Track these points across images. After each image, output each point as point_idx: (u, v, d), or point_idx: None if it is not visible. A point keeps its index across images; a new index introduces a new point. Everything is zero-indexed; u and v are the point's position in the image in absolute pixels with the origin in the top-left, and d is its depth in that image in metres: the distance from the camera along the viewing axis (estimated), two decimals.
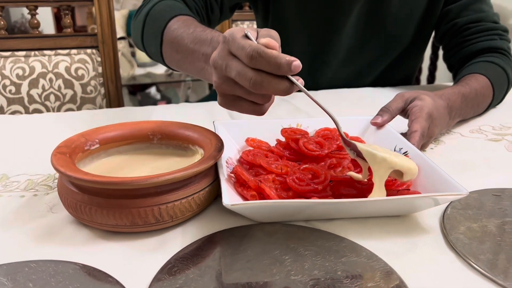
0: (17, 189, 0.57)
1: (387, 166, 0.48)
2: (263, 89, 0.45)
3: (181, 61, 0.66)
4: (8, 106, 1.01)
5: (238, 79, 0.46)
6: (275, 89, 0.45)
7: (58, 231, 0.48)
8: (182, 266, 0.41)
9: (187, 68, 0.65)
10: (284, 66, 0.43)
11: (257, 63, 0.44)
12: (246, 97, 0.48)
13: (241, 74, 0.45)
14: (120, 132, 0.58)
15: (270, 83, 0.45)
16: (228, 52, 0.47)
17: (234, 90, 0.48)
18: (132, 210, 0.45)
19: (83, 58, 1.06)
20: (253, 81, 0.45)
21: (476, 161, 0.65)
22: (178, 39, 0.65)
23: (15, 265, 0.42)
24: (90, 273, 0.41)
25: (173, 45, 0.66)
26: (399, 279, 0.40)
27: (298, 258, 0.43)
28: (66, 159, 0.49)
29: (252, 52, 0.44)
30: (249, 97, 0.48)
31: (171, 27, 0.67)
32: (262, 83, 0.45)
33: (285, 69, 0.44)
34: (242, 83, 0.46)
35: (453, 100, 0.71)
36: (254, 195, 0.49)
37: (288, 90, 0.45)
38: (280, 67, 0.44)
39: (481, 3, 0.93)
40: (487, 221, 0.49)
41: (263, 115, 0.51)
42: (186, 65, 0.65)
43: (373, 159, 0.49)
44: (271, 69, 0.44)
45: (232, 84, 0.48)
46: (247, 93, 0.47)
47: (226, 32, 0.48)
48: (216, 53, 0.49)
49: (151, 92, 3.35)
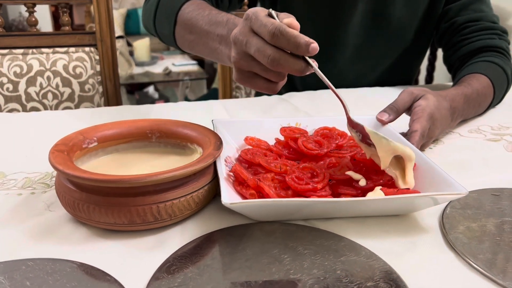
0: (14, 187, 0.56)
1: (390, 151, 0.49)
2: (280, 66, 0.47)
3: (194, 42, 0.67)
4: (6, 104, 1.01)
5: (257, 55, 0.48)
6: (291, 67, 0.47)
7: (55, 229, 0.48)
8: (180, 264, 0.41)
9: (200, 49, 0.67)
10: (303, 46, 0.46)
11: (278, 41, 0.46)
12: (262, 74, 0.50)
13: (260, 51, 0.47)
14: (118, 130, 0.57)
15: (287, 61, 0.47)
16: (250, 29, 0.49)
17: (251, 67, 0.50)
18: (130, 209, 0.44)
19: (81, 56, 1.06)
20: (271, 58, 0.47)
21: (475, 161, 0.65)
22: (192, 21, 0.66)
23: (12, 263, 0.41)
24: (88, 271, 0.41)
25: (187, 27, 0.68)
26: (399, 278, 0.40)
27: (297, 257, 0.42)
28: (64, 157, 0.49)
29: (275, 30, 0.46)
30: (265, 74, 0.50)
31: (186, 9, 0.68)
32: (279, 60, 0.47)
33: (303, 49, 0.46)
34: (260, 59, 0.48)
35: (456, 101, 0.71)
36: (253, 194, 0.49)
37: (303, 70, 0.48)
38: (299, 47, 0.46)
39: (481, 3, 0.94)
40: (486, 221, 0.49)
41: (275, 93, 0.53)
42: (199, 46, 0.66)
43: (379, 141, 0.49)
44: (290, 48, 0.46)
45: (250, 60, 0.49)
46: (264, 70, 0.49)
47: (249, 11, 0.50)
48: (237, 30, 0.51)
49: (149, 91, 3.35)
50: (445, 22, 0.96)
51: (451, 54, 0.95)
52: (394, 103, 0.66)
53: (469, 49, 0.90)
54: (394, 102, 0.66)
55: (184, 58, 3.70)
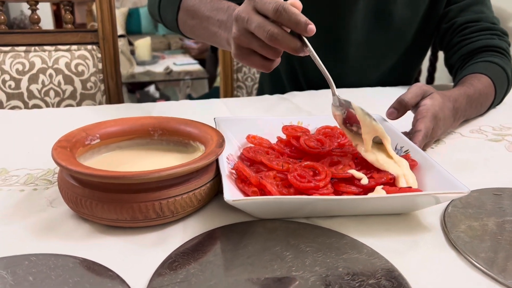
0: (16, 183, 0.56)
1: (372, 130, 0.54)
2: (277, 42, 0.50)
3: (195, 27, 0.72)
4: (8, 101, 1.01)
5: (257, 31, 0.50)
6: (287, 44, 0.50)
7: (58, 225, 0.48)
8: (183, 261, 0.41)
9: (200, 34, 0.71)
10: (302, 24, 0.49)
11: (280, 16, 0.49)
12: (259, 51, 0.53)
13: (260, 26, 0.50)
14: (121, 127, 0.58)
15: (284, 38, 0.50)
16: (253, 7, 0.52)
17: (250, 43, 0.52)
18: (133, 205, 0.45)
19: (83, 54, 1.06)
20: (270, 33, 0.50)
21: (476, 161, 0.65)
22: (195, 7, 0.71)
23: (15, 258, 0.41)
24: (90, 267, 0.41)
25: (189, 12, 0.72)
26: (400, 276, 0.40)
27: (299, 254, 0.43)
28: (67, 153, 0.49)
29: (278, 6, 0.49)
30: (262, 50, 0.52)
31: (188, 3, 0.73)
32: (278, 36, 0.50)
33: (302, 27, 0.49)
34: (260, 35, 0.50)
35: (459, 102, 0.72)
36: (255, 191, 0.49)
37: (298, 48, 0.51)
38: (299, 24, 0.49)
39: (482, 5, 0.94)
40: (487, 220, 0.49)
41: (269, 71, 0.55)
42: (200, 30, 0.70)
43: (363, 118, 0.54)
44: (291, 24, 0.49)
45: (250, 37, 0.52)
46: (261, 46, 0.52)
47: None
48: (240, 8, 0.53)
49: (150, 91, 3.35)
50: (446, 23, 0.96)
51: (452, 54, 0.95)
52: (404, 96, 0.66)
53: (469, 49, 0.91)
54: (404, 95, 0.66)
55: (185, 57, 3.71)
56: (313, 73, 1.05)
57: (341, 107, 0.56)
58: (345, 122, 0.55)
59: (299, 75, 1.08)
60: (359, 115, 0.55)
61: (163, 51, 4.00)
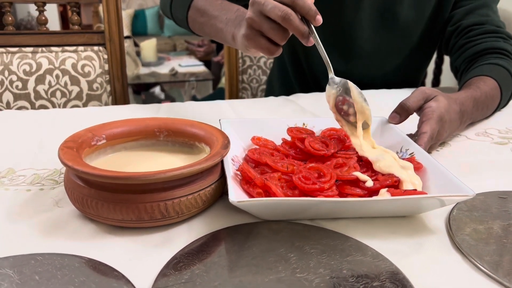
0: (23, 183, 0.57)
1: (361, 112, 0.58)
2: (289, 22, 0.55)
3: (203, 24, 0.78)
4: (15, 101, 1.02)
5: (272, 11, 0.55)
6: (297, 26, 0.56)
7: (64, 225, 0.48)
8: (187, 261, 0.42)
9: (207, 30, 0.77)
10: (313, 12, 0.56)
11: (295, 2, 0.55)
12: (268, 33, 0.58)
13: (276, 7, 0.55)
14: (126, 128, 0.58)
15: (295, 21, 0.55)
16: None
17: (261, 25, 0.57)
18: (138, 205, 0.45)
19: (89, 55, 1.06)
20: (284, 12, 0.55)
21: (482, 164, 0.65)
22: (205, 7, 0.77)
23: (22, 257, 0.42)
24: (96, 267, 0.41)
25: (199, 11, 0.79)
26: (405, 279, 0.40)
27: (303, 256, 0.43)
28: (73, 154, 0.49)
29: None
30: (271, 32, 0.57)
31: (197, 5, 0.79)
32: (290, 16, 0.55)
33: (312, 14, 0.56)
34: (274, 15, 0.55)
35: (466, 105, 0.72)
36: (260, 193, 0.49)
37: (305, 33, 0.56)
38: (310, 11, 0.56)
39: (488, 9, 0.94)
40: (492, 223, 0.49)
41: (272, 55, 0.60)
42: (207, 27, 0.76)
43: (357, 97, 0.59)
44: (303, 10, 0.56)
45: (263, 19, 0.57)
46: (272, 28, 0.57)
47: None
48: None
49: (155, 92, 3.36)
50: (451, 26, 0.97)
51: (457, 57, 0.95)
52: (406, 100, 0.66)
53: (474, 51, 0.91)
54: (406, 100, 0.66)
55: (191, 59, 3.72)
56: (317, 67, 1.06)
57: (337, 85, 0.60)
58: (337, 104, 0.59)
59: (307, 75, 1.09)
60: (354, 92, 0.59)
61: (168, 52, 4.02)
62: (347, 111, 0.59)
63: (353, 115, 0.59)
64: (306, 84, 1.10)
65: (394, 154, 0.56)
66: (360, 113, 0.59)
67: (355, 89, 0.59)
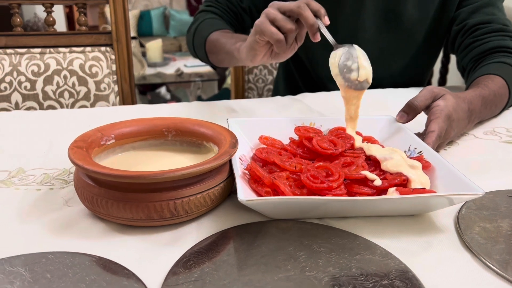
0: (33, 182, 0.57)
1: (364, 68, 0.62)
2: (304, 10, 0.64)
3: (217, 53, 0.90)
4: (23, 102, 1.03)
5: (288, 4, 0.65)
6: (308, 16, 0.64)
7: (74, 224, 0.48)
8: (197, 260, 0.42)
9: (220, 58, 0.89)
10: (323, 11, 0.65)
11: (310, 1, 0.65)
12: (280, 21, 0.65)
13: (293, 2, 0.65)
14: (135, 128, 0.58)
15: (308, 11, 0.64)
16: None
17: (276, 15, 0.65)
18: (148, 204, 0.45)
19: (97, 56, 1.07)
20: (300, 3, 0.64)
21: (490, 163, 0.65)
22: (218, 37, 0.90)
23: (33, 256, 0.42)
24: (106, 265, 0.42)
25: (212, 43, 0.91)
26: (414, 277, 0.40)
27: (312, 254, 0.43)
28: (83, 153, 0.49)
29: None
30: (282, 21, 0.65)
31: (211, 38, 0.92)
32: (304, 6, 0.64)
33: (322, 13, 0.65)
34: (290, 5, 0.65)
35: (474, 104, 0.71)
36: (269, 192, 0.49)
37: (315, 23, 0.64)
38: (321, 9, 0.65)
39: (493, 8, 0.94)
40: (502, 222, 0.49)
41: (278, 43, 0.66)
42: (220, 55, 0.88)
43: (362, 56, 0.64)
44: (315, 8, 0.65)
45: (277, 12, 0.65)
46: (283, 19, 0.65)
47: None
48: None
49: (161, 92, 3.37)
50: (456, 25, 0.96)
51: (463, 56, 0.95)
52: (414, 99, 0.66)
53: (480, 50, 0.90)
54: (414, 99, 0.66)
55: (196, 59, 3.72)
56: (321, 70, 1.06)
57: (343, 46, 0.64)
58: (341, 65, 0.63)
59: (313, 77, 1.09)
60: (359, 51, 0.63)
61: (174, 53, 4.02)
62: (350, 67, 0.63)
63: (356, 71, 0.62)
64: (312, 86, 1.10)
65: (402, 153, 0.56)
66: (363, 68, 0.62)
67: (360, 50, 0.64)
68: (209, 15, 1.00)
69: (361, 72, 0.62)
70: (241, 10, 1.04)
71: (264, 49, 0.69)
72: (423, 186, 0.50)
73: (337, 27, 0.99)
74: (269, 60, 0.72)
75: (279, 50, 0.67)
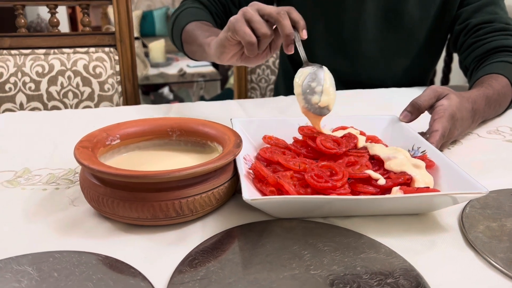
0: (39, 182, 0.58)
1: (327, 95, 0.60)
2: (282, 18, 0.59)
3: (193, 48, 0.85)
4: (28, 102, 1.03)
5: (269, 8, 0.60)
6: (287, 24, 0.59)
7: (80, 224, 0.49)
8: (202, 258, 0.42)
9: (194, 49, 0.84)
10: (302, 23, 0.61)
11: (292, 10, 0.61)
12: (256, 23, 0.60)
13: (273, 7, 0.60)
14: (140, 128, 0.59)
15: (287, 19, 0.59)
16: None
17: (253, 16, 0.60)
18: (153, 204, 0.46)
19: (101, 56, 1.08)
20: (280, 10, 0.59)
21: (494, 162, 0.65)
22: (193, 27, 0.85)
23: (40, 255, 0.43)
24: (113, 264, 0.42)
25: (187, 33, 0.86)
26: (419, 276, 0.40)
27: (317, 253, 0.43)
28: (89, 153, 0.50)
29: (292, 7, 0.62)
30: (258, 24, 0.60)
31: (187, 28, 0.86)
32: (284, 14, 0.59)
33: (302, 25, 0.61)
34: (270, 10, 0.60)
35: (478, 103, 0.71)
36: (273, 191, 0.50)
37: (290, 34, 0.59)
38: (301, 20, 0.61)
39: (495, 6, 0.94)
40: (506, 221, 0.49)
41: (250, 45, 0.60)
42: (194, 46, 0.83)
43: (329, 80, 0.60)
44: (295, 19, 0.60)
45: (256, 13, 0.60)
46: (260, 21, 0.60)
47: None
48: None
49: (164, 92, 3.37)
50: (459, 24, 0.96)
51: (466, 56, 0.95)
52: (418, 99, 0.66)
53: (483, 50, 0.90)
54: (417, 98, 0.66)
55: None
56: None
57: (312, 66, 0.61)
58: (305, 84, 0.60)
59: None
60: (327, 74, 0.60)
61: (177, 53, 4.02)
62: (313, 89, 0.60)
63: (319, 94, 0.60)
64: None
65: (406, 153, 0.56)
66: (326, 94, 0.59)
67: (328, 73, 0.61)
68: (195, 4, 0.96)
69: (323, 98, 0.59)
70: (230, 2, 0.99)
71: (234, 48, 0.64)
72: (426, 185, 0.51)
73: (339, 29, 0.99)
74: (238, 62, 0.67)
75: (249, 53, 0.61)
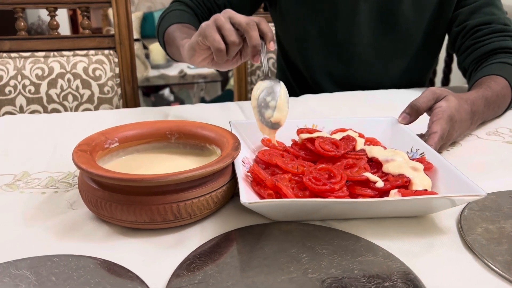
0: (38, 186, 0.58)
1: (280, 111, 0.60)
2: (251, 28, 0.59)
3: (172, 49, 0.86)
4: (28, 105, 1.03)
5: (240, 17, 0.61)
6: (255, 35, 0.60)
7: (78, 227, 0.49)
8: (200, 262, 0.42)
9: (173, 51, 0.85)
10: (271, 35, 0.61)
11: (261, 21, 0.61)
12: (225, 31, 0.61)
13: (245, 17, 0.61)
14: (139, 131, 0.59)
15: (256, 30, 0.60)
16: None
17: (225, 23, 0.61)
18: (151, 207, 0.46)
19: (100, 59, 1.08)
20: (250, 20, 0.60)
21: (493, 163, 0.65)
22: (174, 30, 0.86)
23: (38, 259, 0.43)
24: (110, 268, 0.42)
25: (168, 35, 0.87)
26: (416, 279, 0.40)
27: (315, 256, 0.43)
28: (87, 157, 0.50)
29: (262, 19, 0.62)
30: (228, 31, 0.60)
31: (169, 30, 0.87)
32: (255, 26, 0.60)
33: (270, 37, 0.61)
34: (241, 18, 0.60)
35: (477, 105, 0.71)
36: (271, 194, 0.50)
37: (257, 45, 0.60)
38: (270, 33, 0.61)
39: (492, 7, 0.93)
40: (504, 223, 0.49)
41: (219, 52, 0.61)
42: (173, 48, 0.84)
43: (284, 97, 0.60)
44: (265, 30, 0.61)
45: (227, 21, 0.61)
46: (230, 29, 0.61)
47: None
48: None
49: (164, 94, 3.38)
50: (457, 26, 0.96)
51: (465, 57, 0.94)
52: (416, 101, 0.66)
53: (482, 51, 0.90)
54: (416, 100, 0.66)
55: None
56: (318, 76, 1.06)
57: (271, 80, 0.61)
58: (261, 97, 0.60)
59: (309, 83, 1.09)
60: (283, 90, 0.60)
61: None
62: (268, 103, 0.60)
63: (272, 109, 0.60)
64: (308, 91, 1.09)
65: (404, 155, 0.56)
66: (279, 110, 0.59)
67: (284, 89, 0.61)
68: (181, 6, 0.97)
69: (276, 114, 0.59)
70: (216, 6, 1.00)
71: (204, 52, 0.65)
72: (424, 188, 0.51)
73: (333, 32, 0.99)
74: (209, 65, 0.68)
75: (218, 59, 0.63)
